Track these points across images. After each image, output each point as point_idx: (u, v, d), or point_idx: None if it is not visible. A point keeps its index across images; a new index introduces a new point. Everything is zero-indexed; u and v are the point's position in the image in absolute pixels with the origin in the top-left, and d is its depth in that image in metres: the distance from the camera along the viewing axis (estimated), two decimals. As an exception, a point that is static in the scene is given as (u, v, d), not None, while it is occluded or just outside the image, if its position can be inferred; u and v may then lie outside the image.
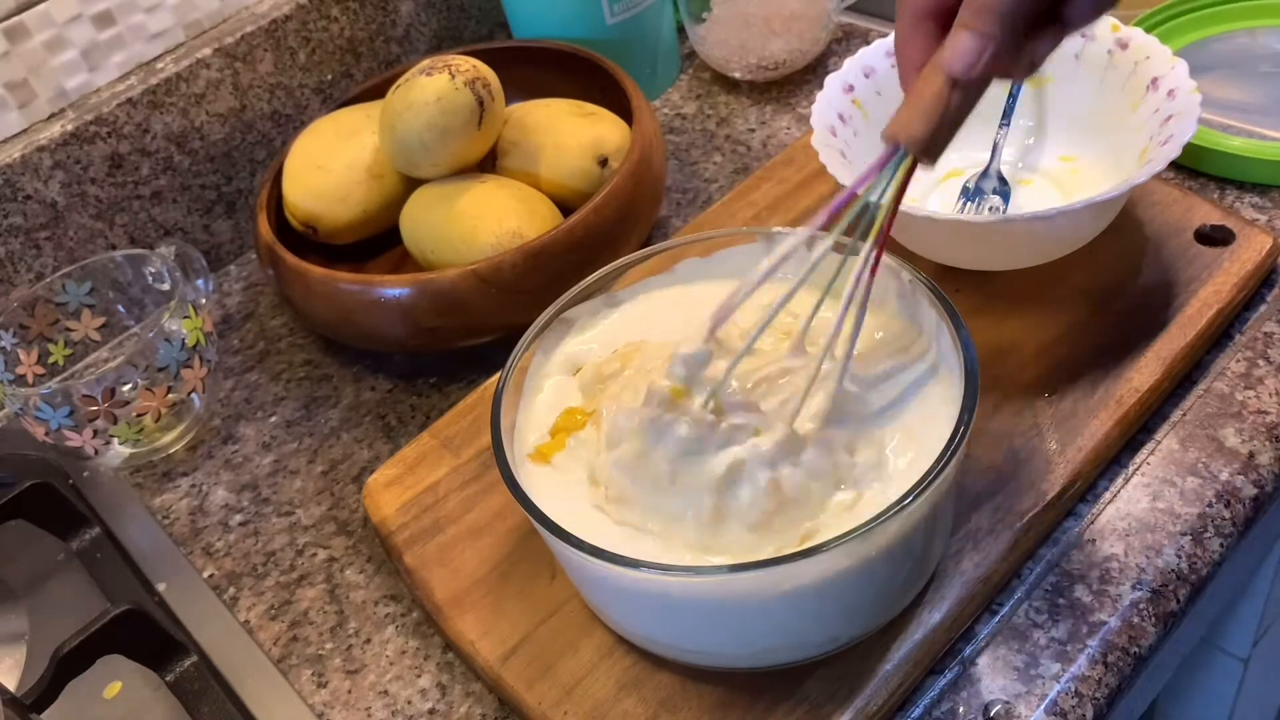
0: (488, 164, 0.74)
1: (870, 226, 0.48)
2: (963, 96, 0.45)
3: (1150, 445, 0.58)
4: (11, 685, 0.59)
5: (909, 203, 0.67)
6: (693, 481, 0.47)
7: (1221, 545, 0.54)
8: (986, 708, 0.50)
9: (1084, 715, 0.50)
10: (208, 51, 0.79)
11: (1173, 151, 0.57)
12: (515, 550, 0.57)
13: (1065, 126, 0.69)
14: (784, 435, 0.47)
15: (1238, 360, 0.61)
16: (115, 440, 0.67)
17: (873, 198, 0.47)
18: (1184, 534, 0.54)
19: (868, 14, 0.93)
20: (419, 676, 0.57)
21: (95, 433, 0.65)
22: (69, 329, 0.73)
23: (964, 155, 0.70)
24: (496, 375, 0.57)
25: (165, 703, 0.58)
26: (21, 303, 0.71)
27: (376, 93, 0.79)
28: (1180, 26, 0.77)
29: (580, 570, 0.50)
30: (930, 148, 0.45)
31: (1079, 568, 0.54)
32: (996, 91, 0.68)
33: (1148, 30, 0.72)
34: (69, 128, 0.75)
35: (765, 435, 0.47)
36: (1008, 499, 0.55)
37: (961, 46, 0.43)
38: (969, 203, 0.67)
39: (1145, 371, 0.59)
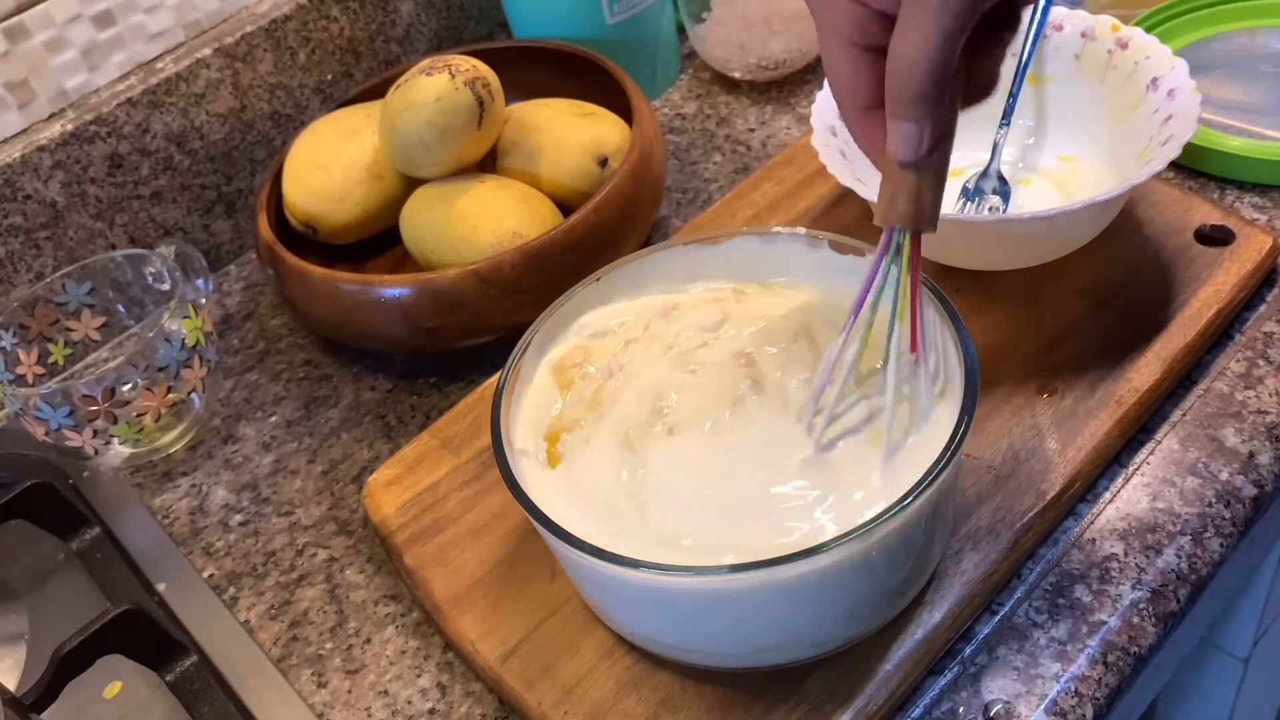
0: (488, 164, 0.74)
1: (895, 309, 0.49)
2: (930, 164, 0.43)
3: (1150, 445, 0.58)
4: (11, 685, 0.59)
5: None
6: None
7: (1221, 545, 0.54)
8: (986, 708, 0.50)
9: (1084, 715, 0.50)
10: (208, 51, 0.79)
11: (1173, 151, 0.57)
12: (515, 550, 0.57)
13: (1065, 126, 0.69)
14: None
15: (1238, 360, 0.61)
16: (115, 440, 0.67)
17: (885, 294, 0.48)
18: (1184, 534, 0.54)
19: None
20: (419, 676, 0.57)
21: (95, 433, 0.65)
22: (69, 329, 0.73)
23: (964, 155, 0.70)
24: (496, 375, 0.57)
25: (165, 703, 0.58)
26: (21, 303, 0.71)
27: (376, 93, 0.79)
28: (1180, 26, 0.77)
29: (580, 570, 0.50)
30: (922, 218, 0.44)
31: (1079, 568, 0.54)
32: (997, 91, 0.68)
33: (1148, 30, 0.72)
34: (69, 128, 0.75)
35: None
36: (1008, 499, 0.55)
37: (900, 137, 0.42)
38: (969, 203, 0.67)
39: (1145, 371, 0.59)
